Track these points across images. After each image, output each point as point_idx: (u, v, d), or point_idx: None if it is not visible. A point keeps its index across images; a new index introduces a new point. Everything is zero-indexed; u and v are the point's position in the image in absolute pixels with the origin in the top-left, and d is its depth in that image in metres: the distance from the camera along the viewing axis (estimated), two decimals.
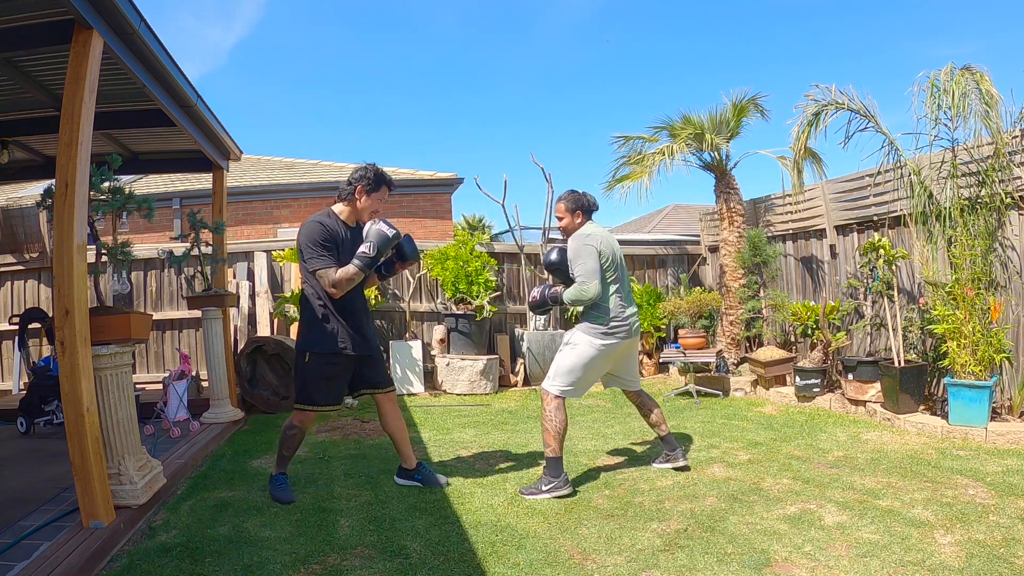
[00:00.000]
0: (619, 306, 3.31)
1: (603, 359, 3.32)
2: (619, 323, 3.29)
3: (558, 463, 3.19)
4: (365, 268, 2.93)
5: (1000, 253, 4.35)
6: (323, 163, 12.00)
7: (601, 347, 3.27)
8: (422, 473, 3.32)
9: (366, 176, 3.06)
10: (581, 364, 3.28)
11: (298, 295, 6.13)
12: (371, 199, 3.08)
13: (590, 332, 3.29)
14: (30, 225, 6.50)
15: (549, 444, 3.22)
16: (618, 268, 3.36)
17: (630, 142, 7.05)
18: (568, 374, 3.28)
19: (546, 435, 3.24)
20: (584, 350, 3.27)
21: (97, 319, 2.74)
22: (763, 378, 5.69)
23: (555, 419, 3.24)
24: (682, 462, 3.48)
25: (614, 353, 3.34)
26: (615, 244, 3.41)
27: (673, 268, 8.05)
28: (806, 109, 4.83)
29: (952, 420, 4.01)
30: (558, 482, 3.14)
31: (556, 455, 3.20)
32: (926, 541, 2.42)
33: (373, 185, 3.06)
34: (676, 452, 3.51)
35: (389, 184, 3.13)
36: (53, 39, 2.87)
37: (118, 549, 2.53)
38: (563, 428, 3.24)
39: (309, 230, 2.98)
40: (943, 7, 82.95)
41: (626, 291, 3.40)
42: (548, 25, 70.61)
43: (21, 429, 4.57)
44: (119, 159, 3.10)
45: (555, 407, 3.26)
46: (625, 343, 3.35)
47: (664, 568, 2.31)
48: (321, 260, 2.93)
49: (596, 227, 3.42)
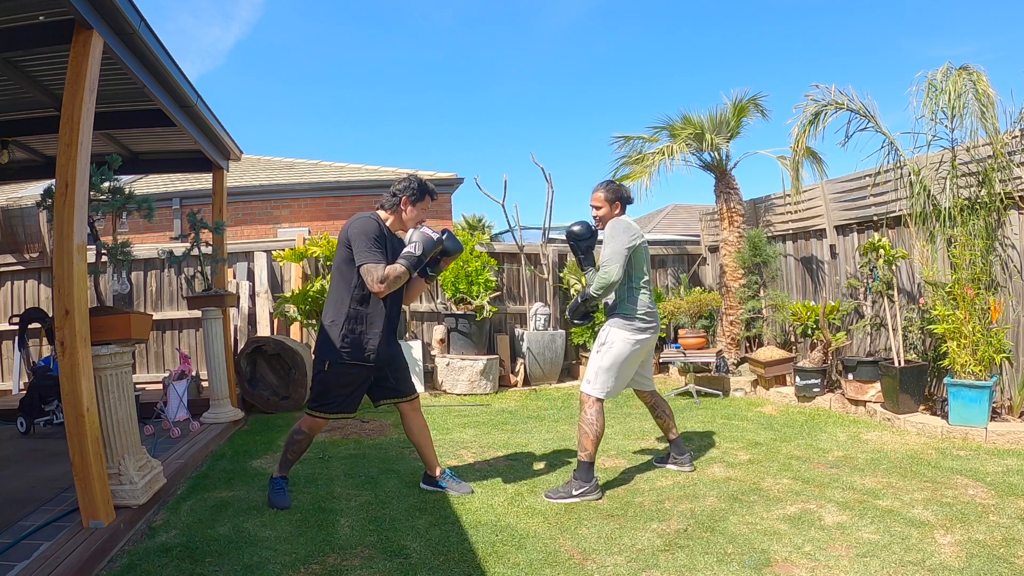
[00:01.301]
0: (648, 301, 3.32)
1: (636, 357, 3.30)
2: (652, 317, 3.30)
3: (590, 468, 3.13)
4: (411, 268, 2.90)
5: (1000, 253, 4.35)
6: (323, 163, 12.00)
7: (637, 342, 3.24)
8: (446, 481, 3.24)
9: (411, 187, 3.06)
10: (620, 361, 3.22)
11: (298, 295, 6.19)
12: (416, 209, 3.09)
13: (626, 328, 3.24)
14: (30, 225, 6.50)
15: (586, 448, 3.13)
16: (647, 264, 3.35)
17: (630, 142, 7.06)
18: (608, 373, 3.21)
19: (584, 439, 3.14)
20: (622, 347, 3.22)
21: (97, 319, 2.74)
22: (763, 378, 5.69)
23: (596, 423, 3.16)
24: (688, 468, 3.44)
25: (644, 350, 3.33)
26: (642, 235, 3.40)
27: (673, 268, 8.05)
28: (806, 109, 4.83)
29: (952, 420, 4.01)
30: (589, 487, 3.08)
31: (591, 460, 3.13)
32: (926, 541, 2.42)
33: (418, 195, 3.07)
34: (684, 457, 3.47)
35: (432, 194, 3.15)
36: (53, 39, 2.87)
37: (118, 549, 2.53)
38: (602, 433, 3.18)
39: (363, 224, 2.93)
40: (942, 7, 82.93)
41: (652, 288, 3.41)
42: (548, 24, 70.59)
43: (21, 429, 4.57)
44: (119, 159, 3.09)
45: (596, 411, 3.18)
46: (652, 340, 3.36)
47: (664, 568, 2.31)
48: (373, 254, 2.86)
49: (629, 219, 3.41)
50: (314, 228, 9.82)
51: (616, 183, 3.47)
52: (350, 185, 10.34)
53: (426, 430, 3.27)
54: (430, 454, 3.27)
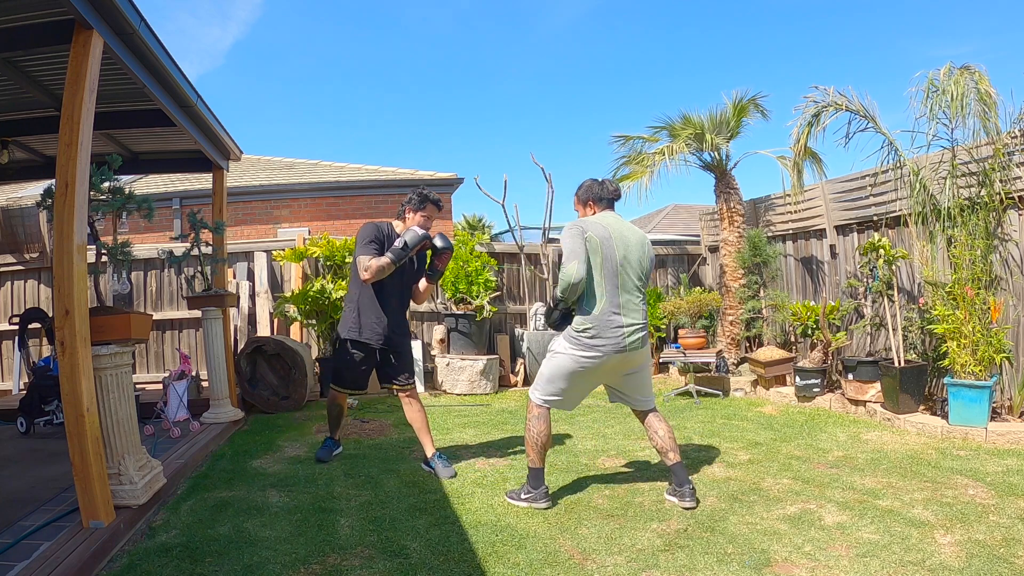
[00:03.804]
0: (608, 312, 2.85)
1: (587, 373, 2.93)
2: (604, 335, 2.83)
3: (538, 475, 2.98)
4: (395, 259, 3.32)
5: (1000, 252, 4.35)
6: (323, 163, 12.00)
7: (581, 359, 2.87)
8: (433, 463, 3.55)
9: (413, 197, 3.55)
10: (560, 375, 2.94)
11: (298, 295, 6.21)
12: (417, 215, 3.52)
13: (569, 340, 2.91)
14: (30, 225, 6.50)
15: (528, 455, 3.00)
16: (614, 267, 2.89)
17: (630, 142, 7.06)
18: (549, 383, 2.99)
19: (527, 445, 3.01)
20: (562, 360, 2.93)
21: (97, 319, 2.74)
22: (763, 378, 5.69)
23: (533, 428, 2.98)
24: (689, 502, 2.90)
25: (602, 368, 2.92)
26: (620, 240, 2.92)
27: (673, 268, 8.05)
28: (806, 110, 4.84)
29: (952, 420, 4.01)
30: (536, 494, 2.96)
31: (536, 466, 2.98)
32: (926, 541, 2.42)
33: (418, 204, 3.53)
34: (684, 488, 2.94)
35: (435, 203, 3.56)
36: (53, 39, 2.87)
37: (118, 549, 2.53)
38: (543, 439, 2.98)
39: (364, 228, 3.51)
40: (942, 7, 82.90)
41: (625, 298, 2.91)
42: (548, 24, 70.57)
43: (21, 429, 4.57)
44: (119, 159, 3.09)
45: (535, 416, 3.00)
46: (614, 359, 2.88)
47: (664, 568, 2.31)
48: (363, 250, 3.40)
49: (604, 217, 3.03)
50: (314, 228, 9.81)
51: (589, 181, 3.16)
52: (350, 185, 10.33)
53: (420, 415, 3.64)
54: (423, 437, 3.64)
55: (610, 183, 3.14)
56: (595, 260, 2.88)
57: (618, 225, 3.00)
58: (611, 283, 2.88)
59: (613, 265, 2.89)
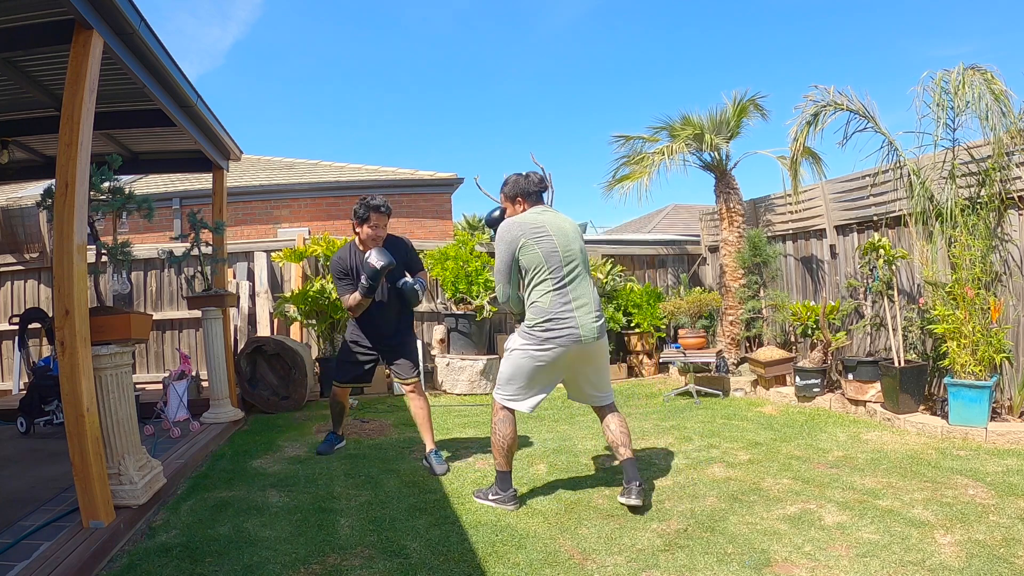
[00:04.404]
0: (558, 304, 2.81)
1: (546, 368, 2.88)
2: (557, 327, 2.80)
3: (505, 478, 2.96)
4: (366, 294, 3.53)
5: (1000, 253, 4.35)
6: (323, 163, 12.00)
7: (536, 355, 2.84)
8: (428, 459, 3.64)
9: (356, 212, 3.62)
10: (520, 374, 2.90)
11: (298, 295, 6.21)
12: (366, 227, 3.59)
13: (524, 336, 2.88)
14: (30, 225, 6.50)
15: (495, 457, 2.98)
16: (558, 260, 2.84)
17: (630, 142, 7.05)
18: (508, 383, 2.95)
19: (492, 447, 2.99)
20: (518, 358, 2.89)
21: (97, 319, 2.74)
22: (763, 378, 5.69)
23: (499, 431, 2.96)
24: (634, 500, 2.79)
25: (560, 362, 2.87)
26: (558, 232, 2.89)
27: (673, 268, 8.05)
28: (805, 110, 4.83)
29: (952, 420, 4.01)
30: (504, 496, 2.95)
31: (502, 469, 2.96)
32: (926, 541, 2.42)
33: (362, 217, 3.59)
34: (631, 485, 2.83)
35: (375, 208, 3.57)
36: (53, 39, 2.87)
37: (118, 549, 2.53)
38: (508, 442, 2.95)
39: (331, 263, 3.78)
40: (942, 7, 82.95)
41: (575, 289, 2.86)
42: (548, 24, 70.61)
43: (21, 429, 4.57)
44: (119, 159, 3.09)
45: (500, 419, 2.97)
46: (572, 351, 2.84)
47: (664, 568, 2.31)
48: (339, 289, 3.70)
49: (536, 212, 2.97)
50: (314, 228, 9.82)
51: (515, 176, 3.06)
52: (350, 185, 10.34)
53: (422, 411, 3.75)
54: (424, 432, 3.76)
55: (535, 175, 3.07)
56: (535, 258, 2.85)
57: (553, 217, 2.97)
58: (557, 275, 2.86)
59: (557, 258, 2.86)
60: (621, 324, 7.05)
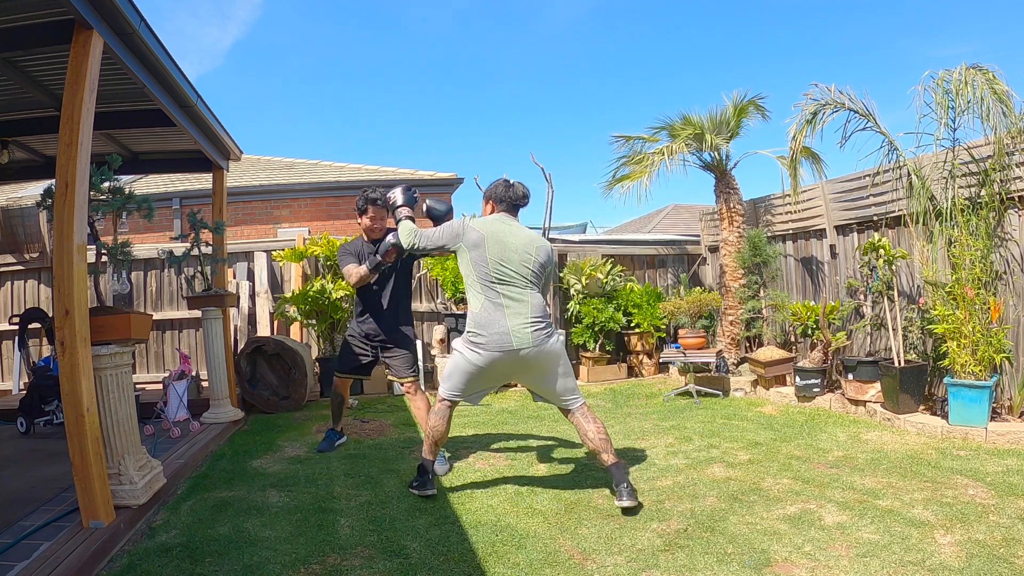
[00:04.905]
0: (486, 312, 2.89)
1: (480, 374, 2.96)
2: (486, 336, 2.87)
3: (426, 467, 3.12)
4: (372, 269, 3.65)
5: (1000, 252, 4.35)
6: (323, 163, 12.00)
7: (469, 358, 2.93)
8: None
9: (357, 204, 3.90)
10: (456, 372, 3.02)
11: (298, 295, 6.22)
12: (365, 218, 3.84)
13: (463, 339, 3.00)
14: (30, 225, 6.51)
15: (424, 444, 3.13)
16: (486, 269, 2.91)
17: (630, 142, 7.05)
18: (447, 380, 3.06)
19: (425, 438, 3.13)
20: (456, 359, 3.00)
21: (97, 319, 2.74)
22: (763, 378, 5.69)
23: (431, 421, 3.10)
24: (626, 501, 2.80)
25: (492, 370, 2.94)
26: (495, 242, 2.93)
27: (673, 268, 8.05)
28: (804, 108, 4.82)
29: (952, 420, 4.01)
30: (423, 480, 3.12)
31: (426, 458, 3.12)
32: (926, 541, 2.42)
33: (361, 209, 3.87)
34: (620, 487, 2.84)
35: (372, 201, 3.80)
36: (53, 39, 2.87)
37: (118, 549, 2.53)
38: (437, 435, 3.06)
39: (339, 249, 3.95)
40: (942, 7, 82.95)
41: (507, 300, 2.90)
42: (548, 24, 70.61)
43: (21, 429, 4.57)
44: (119, 159, 3.09)
45: (436, 410, 3.10)
46: (503, 361, 2.89)
47: (664, 568, 2.31)
48: (343, 260, 3.84)
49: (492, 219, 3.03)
50: (314, 228, 9.82)
51: (497, 181, 3.14)
52: (350, 185, 10.34)
53: (422, 411, 3.74)
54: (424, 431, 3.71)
55: (520, 187, 3.12)
56: (465, 261, 2.98)
57: (500, 228, 3.01)
58: (485, 283, 2.94)
59: (484, 269, 2.94)
60: (621, 324, 7.05)
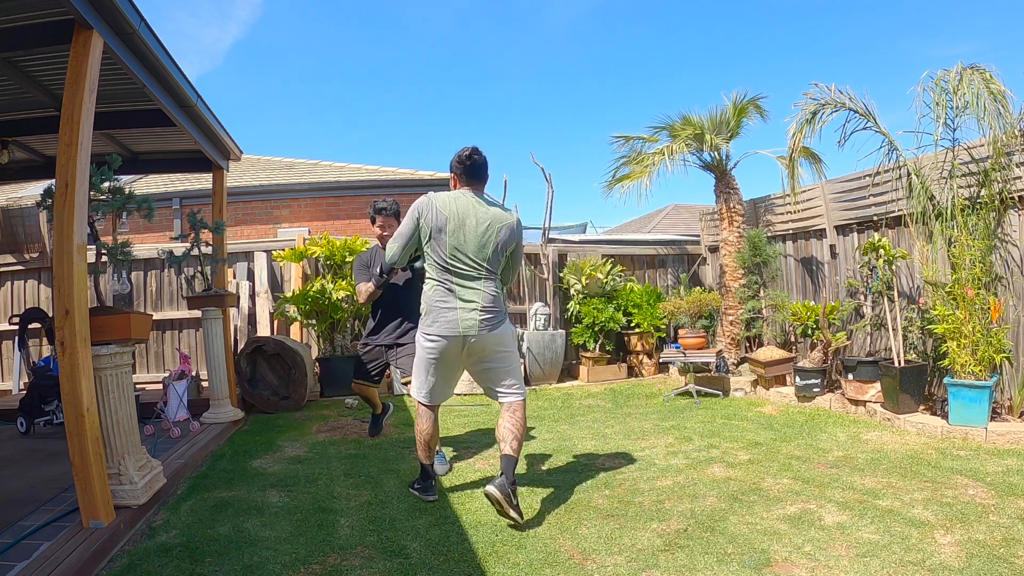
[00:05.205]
0: (438, 296, 2.80)
1: (438, 363, 2.88)
2: (437, 321, 2.79)
3: (425, 471, 3.12)
4: (377, 283, 3.75)
5: (1000, 253, 4.35)
6: (323, 163, 11.99)
7: (425, 346, 2.87)
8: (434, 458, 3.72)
9: (369, 214, 4.09)
10: (420, 366, 2.95)
11: (298, 295, 6.22)
12: (376, 227, 4.04)
13: (420, 327, 2.91)
14: (30, 225, 6.50)
15: (417, 449, 3.11)
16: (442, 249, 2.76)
17: (630, 142, 7.06)
18: (416, 376, 3.01)
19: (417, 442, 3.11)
20: (418, 351, 2.95)
21: (97, 319, 2.74)
22: (763, 378, 5.69)
23: (417, 425, 3.05)
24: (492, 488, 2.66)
25: (446, 357, 2.86)
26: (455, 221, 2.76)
27: (673, 268, 8.05)
28: (804, 107, 4.82)
29: (952, 420, 4.01)
30: (423, 486, 3.11)
31: (422, 462, 3.11)
32: (926, 541, 2.42)
33: (372, 219, 4.06)
34: (499, 478, 2.70)
35: (380, 211, 4.00)
36: (53, 39, 2.87)
37: (118, 549, 2.53)
38: (426, 436, 3.02)
39: (357, 257, 4.18)
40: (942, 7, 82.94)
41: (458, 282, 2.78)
42: (548, 24, 70.62)
43: (21, 429, 4.57)
44: (119, 159, 3.09)
45: (419, 413, 3.05)
46: (453, 347, 2.80)
47: (664, 568, 2.31)
48: (355, 276, 4.07)
49: (454, 195, 2.86)
50: (314, 228, 9.82)
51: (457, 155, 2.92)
52: (350, 185, 10.34)
53: None
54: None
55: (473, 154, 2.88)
56: (425, 240, 2.81)
57: (462, 205, 2.81)
58: (438, 265, 2.80)
59: (442, 247, 2.78)
60: (621, 324, 7.05)
